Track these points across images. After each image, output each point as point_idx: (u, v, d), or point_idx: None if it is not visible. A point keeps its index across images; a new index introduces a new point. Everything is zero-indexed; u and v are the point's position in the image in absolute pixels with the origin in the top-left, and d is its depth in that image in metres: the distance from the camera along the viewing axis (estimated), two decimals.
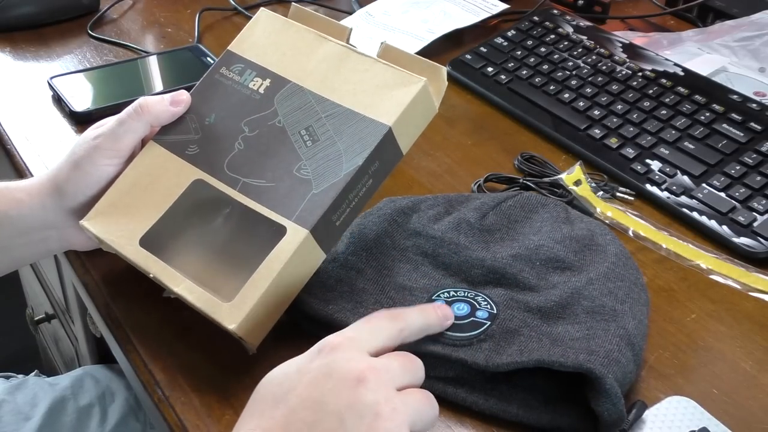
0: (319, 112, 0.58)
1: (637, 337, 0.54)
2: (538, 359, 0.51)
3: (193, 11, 1.05)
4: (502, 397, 0.53)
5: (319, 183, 0.55)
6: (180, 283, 0.54)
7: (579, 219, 0.64)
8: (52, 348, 1.40)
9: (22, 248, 0.63)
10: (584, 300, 0.56)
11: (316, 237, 0.54)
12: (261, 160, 0.57)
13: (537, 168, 0.77)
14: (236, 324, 0.52)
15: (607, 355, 0.51)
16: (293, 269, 0.54)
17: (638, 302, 0.57)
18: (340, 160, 0.56)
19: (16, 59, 0.95)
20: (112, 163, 0.60)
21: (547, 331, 0.54)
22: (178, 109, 0.61)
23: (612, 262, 0.59)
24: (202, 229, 0.59)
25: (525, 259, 0.59)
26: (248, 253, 0.55)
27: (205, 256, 0.58)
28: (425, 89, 0.57)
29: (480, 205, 0.64)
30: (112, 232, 0.58)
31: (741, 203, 0.71)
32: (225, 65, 0.63)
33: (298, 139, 0.57)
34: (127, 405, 0.86)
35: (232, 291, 0.53)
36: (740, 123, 0.78)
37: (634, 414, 0.51)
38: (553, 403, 0.53)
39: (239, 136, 0.59)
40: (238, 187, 0.57)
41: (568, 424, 0.52)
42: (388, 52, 0.59)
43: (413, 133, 0.59)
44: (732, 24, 1.01)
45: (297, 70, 0.60)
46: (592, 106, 0.83)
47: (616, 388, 0.49)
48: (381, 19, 1.02)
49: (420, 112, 0.58)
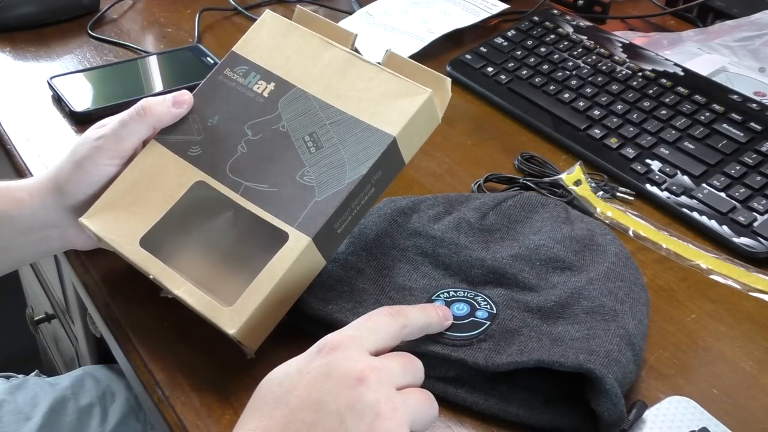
0: (323, 119, 0.58)
1: (637, 337, 0.54)
2: (538, 359, 0.51)
3: (193, 11, 1.06)
4: (502, 397, 0.53)
5: (322, 191, 0.55)
6: (180, 286, 0.54)
7: (579, 219, 0.64)
8: (52, 348, 1.40)
9: (22, 248, 0.63)
10: (584, 300, 0.56)
11: (317, 244, 0.54)
12: (264, 165, 0.57)
13: (537, 168, 0.77)
14: (236, 329, 0.52)
15: (608, 355, 0.51)
16: (294, 275, 0.54)
17: (638, 302, 0.57)
18: (343, 168, 0.56)
19: (16, 59, 0.95)
20: (113, 164, 0.60)
21: (546, 331, 0.54)
22: (181, 110, 0.61)
23: (612, 262, 0.59)
24: (203, 231, 0.59)
25: (525, 259, 0.59)
26: (249, 258, 0.55)
27: (206, 259, 0.58)
28: (430, 100, 0.57)
29: (480, 205, 0.64)
30: (111, 230, 0.58)
31: (741, 203, 0.71)
32: (229, 66, 0.63)
33: (302, 145, 0.57)
34: (127, 405, 0.86)
35: (232, 295, 0.53)
36: (740, 123, 0.78)
37: (635, 414, 0.51)
38: (553, 402, 0.53)
39: (242, 139, 0.59)
40: (240, 191, 0.57)
41: (568, 424, 0.52)
42: (393, 60, 0.59)
43: (416, 143, 0.59)
44: (732, 24, 1.01)
45: (302, 75, 0.60)
46: (592, 106, 0.83)
47: (616, 388, 0.49)
48: (381, 19, 1.02)
49: (423, 123, 0.58)
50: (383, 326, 0.47)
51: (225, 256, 0.58)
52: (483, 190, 0.74)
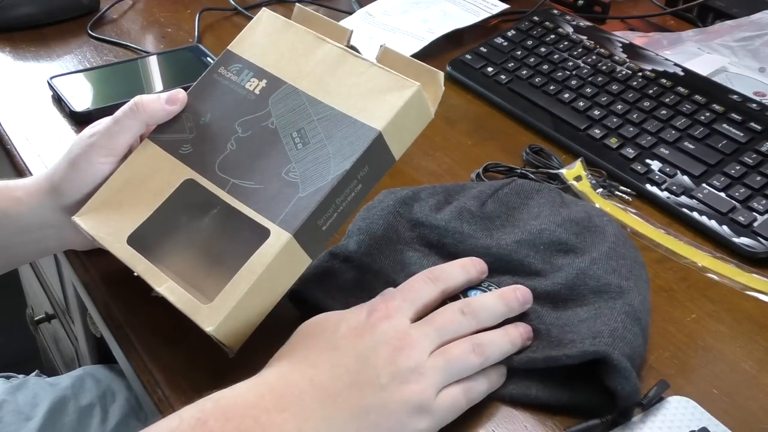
0: (311, 115, 0.57)
1: (643, 312, 0.56)
2: (547, 356, 0.53)
3: (193, 11, 1.06)
4: (520, 381, 0.54)
5: (306, 186, 0.55)
6: (163, 283, 0.54)
7: (574, 203, 0.65)
8: (52, 348, 1.40)
9: (20, 247, 0.63)
10: (590, 280, 0.57)
11: (299, 241, 0.54)
12: (251, 162, 0.57)
13: (543, 161, 0.77)
14: (214, 326, 0.52)
15: (612, 334, 0.52)
16: (275, 273, 0.53)
17: (641, 279, 0.59)
18: (328, 163, 0.55)
19: (16, 59, 0.95)
20: (107, 162, 0.59)
21: (555, 318, 0.55)
22: (174, 107, 0.61)
23: (612, 241, 0.60)
24: (189, 228, 0.59)
25: (529, 243, 0.60)
26: (232, 255, 0.54)
27: (192, 257, 0.58)
28: (419, 94, 0.56)
29: (478, 193, 0.65)
30: (101, 228, 0.58)
31: (741, 203, 0.71)
32: (223, 65, 0.63)
33: (289, 142, 0.57)
34: (128, 405, 0.86)
35: (214, 293, 0.53)
36: (740, 123, 0.78)
37: (655, 390, 0.52)
38: (571, 381, 0.54)
39: (232, 136, 0.59)
40: (227, 188, 0.57)
41: (587, 401, 0.53)
42: (387, 55, 0.59)
43: (407, 139, 0.58)
44: (732, 24, 1.01)
45: (293, 72, 0.60)
46: (592, 106, 0.83)
47: (625, 363, 0.50)
48: (381, 19, 1.02)
49: (414, 117, 0.57)
50: (424, 294, 0.53)
51: (210, 254, 0.58)
52: (482, 179, 0.74)
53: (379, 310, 0.51)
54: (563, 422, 0.53)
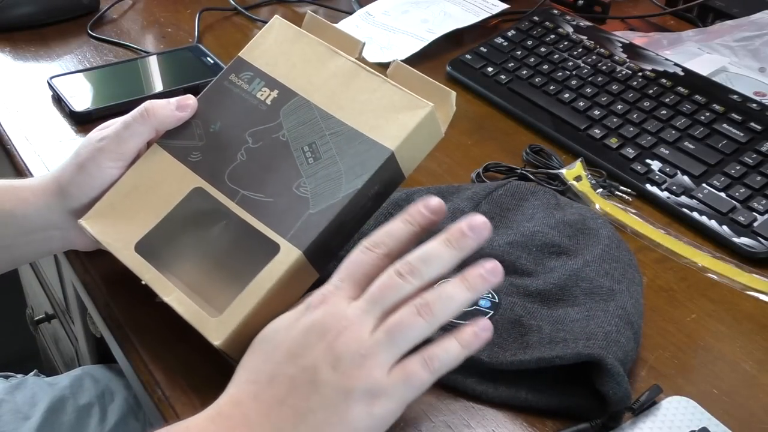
0: (323, 129, 0.57)
1: (635, 315, 0.56)
2: (539, 357, 0.52)
3: (193, 11, 1.05)
4: (511, 383, 0.54)
5: (316, 203, 0.54)
6: (171, 293, 0.54)
7: (569, 205, 0.65)
8: (52, 348, 1.40)
9: (24, 247, 0.63)
10: (582, 282, 0.57)
11: (309, 258, 0.53)
12: (262, 174, 0.57)
13: (543, 161, 0.77)
14: (221, 340, 0.52)
15: (606, 337, 0.52)
16: (284, 288, 0.53)
17: (633, 282, 0.59)
18: (339, 180, 0.55)
19: (16, 59, 0.95)
20: (116, 166, 0.59)
21: (547, 316, 0.55)
22: (184, 114, 0.60)
23: (605, 244, 0.60)
24: (198, 238, 0.58)
25: (521, 245, 0.60)
26: (241, 268, 0.54)
27: (200, 267, 0.57)
28: (432, 114, 0.56)
29: (472, 195, 0.65)
30: (108, 234, 0.58)
31: (741, 203, 0.71)
32: (234, 72, 0.62)
33: (300, 155, 0.56)
34: (126, 404, 0.86)
35: (222, 305, 0.53)
36: (740, 123, 0.78)
37: (647, 395, 0.52)
38: (561, 385, 0.54)
39: (242, 146, 0.58)
40: (236, 199, 0.56)
41: (577, 405, 0.53)
42: (399, 70, 0.58)
43: (417, 157, 0.58)
44: (732, 24, 1.01)
45: (305, 84, 0.59)
46: (592, 106, 0.83)
47: (617, 368, 0.50)
48: (381, 19, 1.02)
49: (425, 137, 0.57)
50: (364, 265, 0.49)
51: (218, 265, 0.57)
52: (483, 179, 0.74)
53: (315, 299, 0.48)
54: (555, 425, 0.53)
